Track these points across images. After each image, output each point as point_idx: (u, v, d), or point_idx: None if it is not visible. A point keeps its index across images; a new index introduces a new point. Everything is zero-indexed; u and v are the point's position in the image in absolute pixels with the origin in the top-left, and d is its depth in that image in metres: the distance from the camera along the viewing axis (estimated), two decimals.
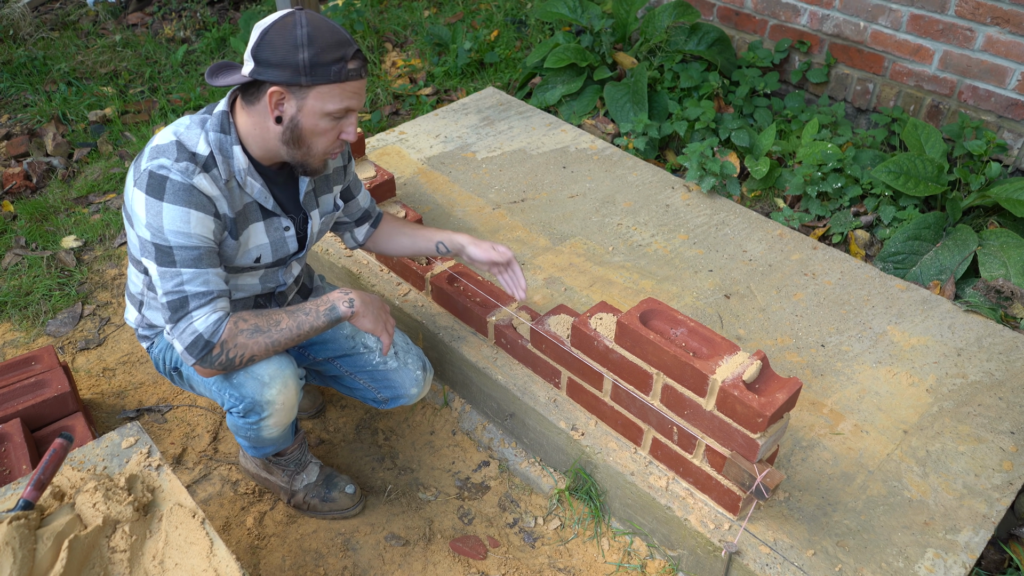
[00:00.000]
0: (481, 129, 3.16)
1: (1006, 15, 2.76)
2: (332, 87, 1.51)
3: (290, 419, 1.78)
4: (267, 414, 1.71)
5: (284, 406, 1.71)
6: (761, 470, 1.63)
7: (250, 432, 1.77)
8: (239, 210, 1.64)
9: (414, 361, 1.95)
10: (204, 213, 1.54)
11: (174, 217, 1.51)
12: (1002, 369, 2.15)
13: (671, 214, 2.73)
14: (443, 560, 1.96)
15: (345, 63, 1.50)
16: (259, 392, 1.67)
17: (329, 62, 1.48)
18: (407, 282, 2.41)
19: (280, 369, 1.68)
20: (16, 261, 2.90)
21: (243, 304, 1.83)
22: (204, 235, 1.55)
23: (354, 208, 2.00)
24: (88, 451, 1.65)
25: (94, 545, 1.43)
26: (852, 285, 2.43)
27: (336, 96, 1.52)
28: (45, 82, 4.04)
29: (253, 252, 1.70)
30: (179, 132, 1.58)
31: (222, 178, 1.58)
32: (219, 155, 1.58)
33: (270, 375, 1.67)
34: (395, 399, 1.96)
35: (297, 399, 1.75)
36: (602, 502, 2.01)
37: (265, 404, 1.68)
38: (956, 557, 1.70)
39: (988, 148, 2.79)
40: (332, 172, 1.86)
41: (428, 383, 1.99)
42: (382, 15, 4.50)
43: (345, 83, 1.52)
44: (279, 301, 1.90)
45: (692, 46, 3.45)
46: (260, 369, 1.67)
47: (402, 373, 1.93)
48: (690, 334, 1.70)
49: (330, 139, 1.59)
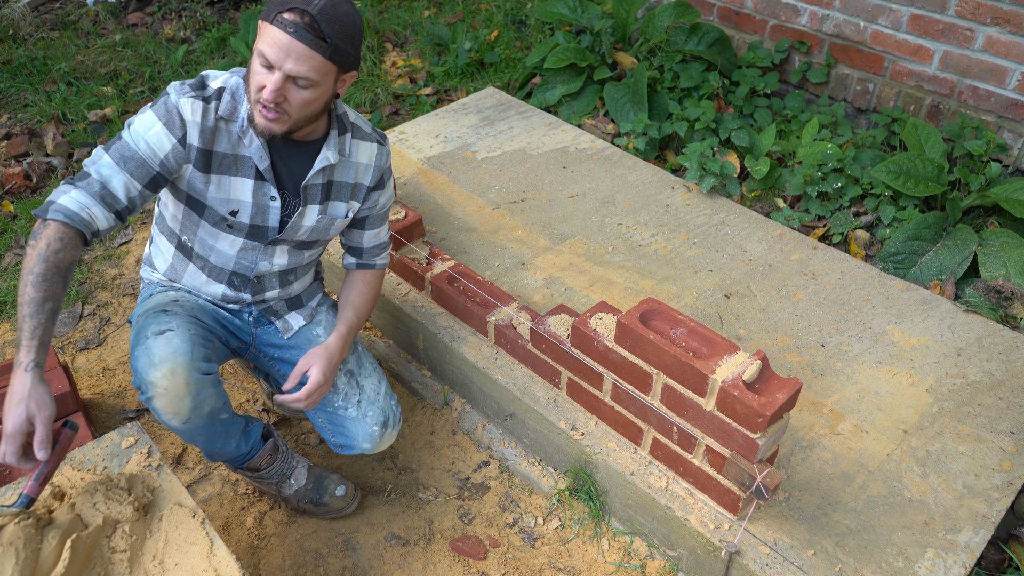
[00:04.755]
0: (481, 129, 3.16)
1: (1006, 15, 2.76)
2: (266, 27, 1.53)
3: (182, 409, 1.65)
4: (151, 395, 1.64)
5: (168, 392, 1.62)
6: (761, 470, 1.63)
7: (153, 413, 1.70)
8: (225, 152, 1.67)
9: (375, 415, 1.89)
10: (169, 132, 1.61)
11: (143, 120, 1.62)
12: (1002, 369, 2.15)
13: (671, 214, 2.73)
14: (443, 560, 1.96)
15: (282, 10, 1.51)
16: (146, 370, 1.63)
17: (277, 2, 1.52)
18: (407, 282, 2.41)
19: (173, 355, 1.63)
20: (16, 261, 2.90)
21: (213, 272, 1.82)
22: (154, 149, 1.61)
23: (353, 237, 1.96)
24: (88, 451, 1.66)
25: (95, 545, 1.43)
26: (852, 285, 2.43)
27: (265, 38, 1.53)
28: (45, 82, 4.04)
29: (232, 203, 1.72)
30: (213, 71, 1.70)
31: (216, 114, 1.64)
32: (228, 95, 1.65)
33: (160, 357, 1.62)
34: (348, 447, 1.92)
35: (190, 390, 1.64)
36: (602, 502, 2.01)
37: (149, 384, 1.63)
38: (956, 557, 1.70)
39: (988, 148, 2.79)
40: (355, 185, 1.84)
41: (388, 439, 1.93)
42: (382, 15, 4.50)
43: (272, 27, 1.51)
44: (254, 288, 1.86)
45: (692, 46, 3.45)
46: (155, 348, 1.63)
47: (358, 424, 1.89)
48: (690, 334, 1.70)
49: (255, 84, 1.58)
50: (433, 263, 2.33)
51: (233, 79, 1.68)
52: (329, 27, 1.52)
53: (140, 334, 1.69)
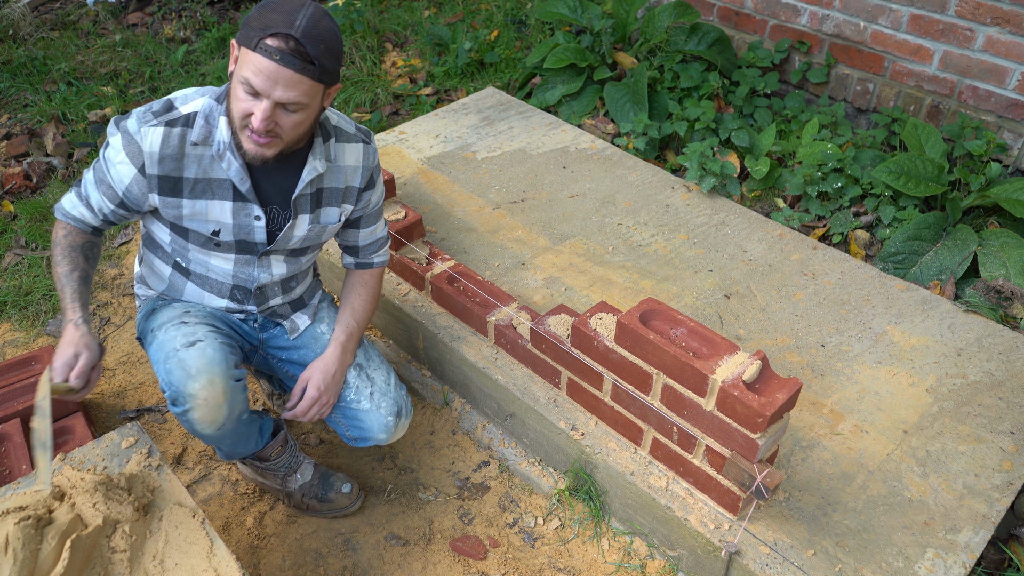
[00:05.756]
0: (481, 129, 3.16)
1: (1006, 15, 2.76)
2: (249, 54, 1.48)
3: (219, 417, 1.68)
4: (189, 407, 1.65)
5: (208, 402, 1.65)
6: (761, 470, 1.63)
7: (184, 423, 1.72)
8: (197, 177, 1.65)
9: (388, 406, 1.90)
10: (131, 161, 1.63)
11: (114, 144, 1.65)
12: (1002, 369, 2.15)
13: (671, 214, 2.73)
14: (443, 560, 1.96)
15: (265, 36, 1.46)
16: (184, 383, 1.64)
17: (256, 27, 1.47)
18: (407, 282, 2.41)
19: (209, 365, 1.65)
20: (16, 261, 2.90)
21: (214, 287, 1.82)
22: (120, 177, 1.65)
23: (348, 236, 1.95)
24: (88, 451, 1.66)
25: (95, 545, 1.43)
26: (852, 285, 2.43)
27: (249, 65, 1.48)
28: (45, 82, 4.04)
29: (212, 224, 1.71)
30: (182, 92, 1.66)
31: (191, 141, 1.62)
32: (202, 119, 1.62)
33: (197, 369, 1.64)
34: (363, 440, 1.93)
35: (227, 398, 1.67)
36: (602, 502, 2.01)
37: (188, 397, 1.64)
38: (956, 557, 1.70)
39: (988, 148, 2.79)
40: (345, 188, 1.81)
41: (402, 429, 1.94)
42: (382, 15, 4.50)
43: (256, 55, 1.46)
44: (257, 299, 1.86)
45: (692, 46, 3.45)
46: (190, 360, 1.64)
47: (372, 416, 1.89)
48: (690, 334, 1.70)
49: (240, 111, 1.54)
50: (433, 263, 2.33)
51: (205, 101, 1.63)
52: (315, 48, 1.48)
53: (165, 347, 1.69)
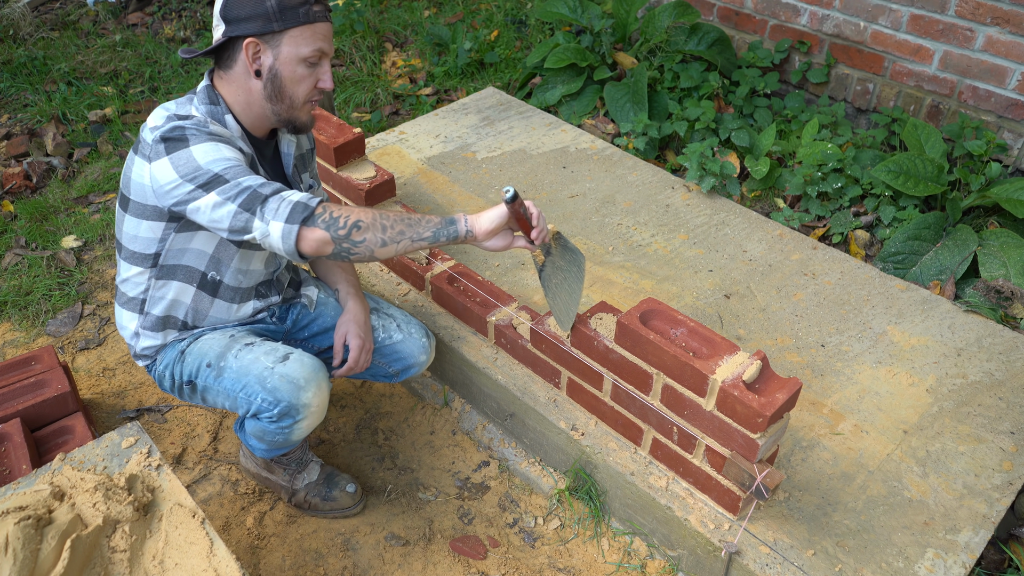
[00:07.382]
0: (481, 129, 3.16)
1: (1006, 15, 2.76)
2: (303, 29, 1.54)
3: (318, 421, 1.78)
4: (302, 417, 1.71)
5: (319, 408, 1.74)
6: (761, 470, 1.63)
7: (279, 436, 1.76)
8: None
9: (418, 330, 2.02)
10: (230, 145, 1.57)
11: (206, 151, 1.51)
12: (1002, 369, 2.15)
13: (671, 214, 2.73)
14: (443, 560, 1.96)
15: (311, 5, 1.54)
16: (295, 395, 1.68)
17: (296, 4, 1.53)
18: (407, 282, 2.41)
19: (314, 372, 1.71)
20: (16, 261, 2.90)
21: (243, 294, 1.83)
22: (239, 157, 1.56)
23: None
24: (88, 451, 1.65)
25: (95, 545, 1.43)
26: (852, 285, 2.43)
27: (308, 38, 1.55)
28: (45, 82, 4.04)
29: None
30: (170, 109, 1.61)
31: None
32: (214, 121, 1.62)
33: (305, 379, 1.69)
34: (406, 370, 2.02)
35: (327, 401, 1.77)
36: (602, 502, 2.01)
37: (301, 407, 1.70)
38: (956, 557, 1.70)
39: (988, 148, 2.79)
40: (307, 152, 1.90)
41: (434, 348, 2.07)
42: (382, 15, 4.50)
43: (315, 24, 1.55)
44: (277, 287, 1.91)
45: (692, 46, 3.45)
46: (294, 372, 1.68)
47: (409, 343, 1.99)
48: (690, 334, 1.70)
49: (308, 87, 1.61)
50: (433, 263, 2.33)
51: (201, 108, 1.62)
52: None
53: (253, 369, 1.69)
